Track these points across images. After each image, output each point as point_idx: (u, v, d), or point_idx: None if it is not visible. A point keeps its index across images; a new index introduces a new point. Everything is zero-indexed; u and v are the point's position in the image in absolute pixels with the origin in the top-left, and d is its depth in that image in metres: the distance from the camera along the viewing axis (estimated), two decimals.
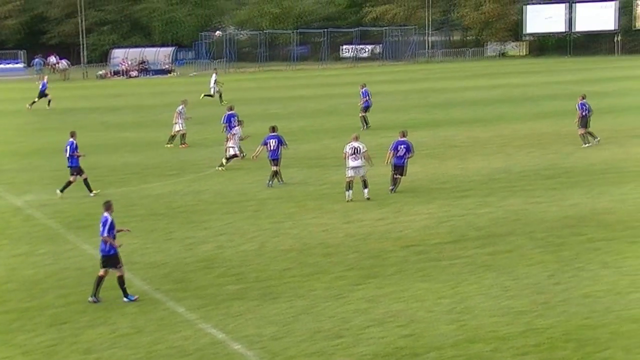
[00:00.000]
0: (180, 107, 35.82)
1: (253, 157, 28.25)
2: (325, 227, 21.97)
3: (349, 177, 24.76)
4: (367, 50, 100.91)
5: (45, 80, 54.92)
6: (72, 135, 26.22)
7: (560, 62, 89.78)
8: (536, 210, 22.94)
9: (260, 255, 19.49)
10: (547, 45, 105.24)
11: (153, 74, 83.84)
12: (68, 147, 25.90)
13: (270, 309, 15.87)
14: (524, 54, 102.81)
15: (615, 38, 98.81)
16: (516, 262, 18.41)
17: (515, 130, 38.25)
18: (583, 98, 33.07)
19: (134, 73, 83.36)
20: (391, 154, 25.54)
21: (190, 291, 17.02)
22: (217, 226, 22.29)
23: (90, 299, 16.39)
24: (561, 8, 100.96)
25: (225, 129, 32.26)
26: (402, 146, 25.50)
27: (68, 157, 25.94)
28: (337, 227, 21.88)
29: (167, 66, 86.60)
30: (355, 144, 24.71)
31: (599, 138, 33.07)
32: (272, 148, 27.12)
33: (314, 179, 28.41)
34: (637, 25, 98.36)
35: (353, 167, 24.67)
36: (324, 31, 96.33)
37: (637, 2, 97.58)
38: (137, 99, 59.70)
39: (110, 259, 16.51)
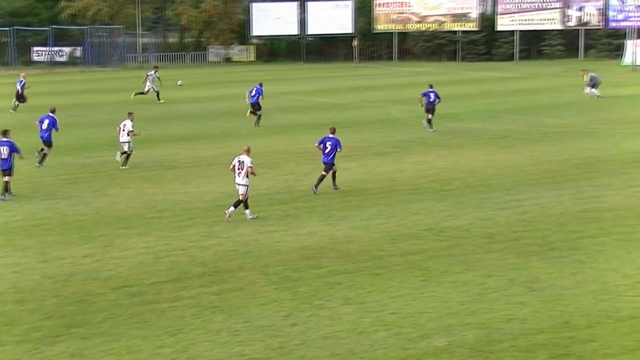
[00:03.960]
0: None
1: None
2: (16, 267, 21.36)
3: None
4: (64, 53, 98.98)
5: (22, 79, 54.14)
6: None
7: (293, 69, 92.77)
8: (269, 241, 23.56)
9: None
10: (277, 50, 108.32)
11: None
12: None
13: None
14: (252, 59, 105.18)
15: (353, 42, 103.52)
16: (247, 301, 18.81)
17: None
18: (431, 87, 43.02)
19: None
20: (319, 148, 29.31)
21: None
22: None
23: None
24: (292, 7, 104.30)
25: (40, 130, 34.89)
26: (329, 142, 28.95)
27: None
28: (31, 268, 21.32)
29: None
30: (242, 157, 25.72)
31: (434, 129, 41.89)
32: (3, 156, 28.42)
33: (1, 208, 27.54)
34: (377, 28, 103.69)
35: (238, 184, 25.71)
36: (9, 29, 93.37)
37: (376, 1, 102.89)
38: None
39: None
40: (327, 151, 29.09)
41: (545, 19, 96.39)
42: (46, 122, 34.90)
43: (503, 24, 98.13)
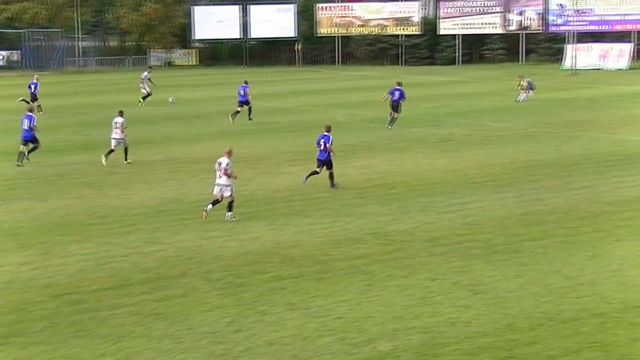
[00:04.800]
0: None
1: None
2: None
3: (215, 194, 26.02)
4: (1, 57, 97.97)
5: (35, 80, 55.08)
6: None
7: (236, 73, 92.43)
8: (212, 247, 23.45)
9: None
10: (220, 54, 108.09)
11: None
12: None
13: None
14: (194, 63, 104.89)
15: (296, 46, 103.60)
16: (191, 308, 18.69)
17: (187, 152, 38.89)
18: (399, 85, 45.58)
19: None
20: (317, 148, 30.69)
21: None
22: None
23: None
24: (234, 10, 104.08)
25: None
26: (323, 140, 30.44)
27: None
28: None
29: None
30: (221, 159, 26.01)
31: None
32: None
33: None
34: (320, 32, 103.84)
35: (217, 184, 25.98)
36: None
37: (319, 5, 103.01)
38: None
39: None
40: (322, 148, 30.45)
41: (487, 23, 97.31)
42: (26, 122, 36.56)
43: (445, 28, 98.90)
